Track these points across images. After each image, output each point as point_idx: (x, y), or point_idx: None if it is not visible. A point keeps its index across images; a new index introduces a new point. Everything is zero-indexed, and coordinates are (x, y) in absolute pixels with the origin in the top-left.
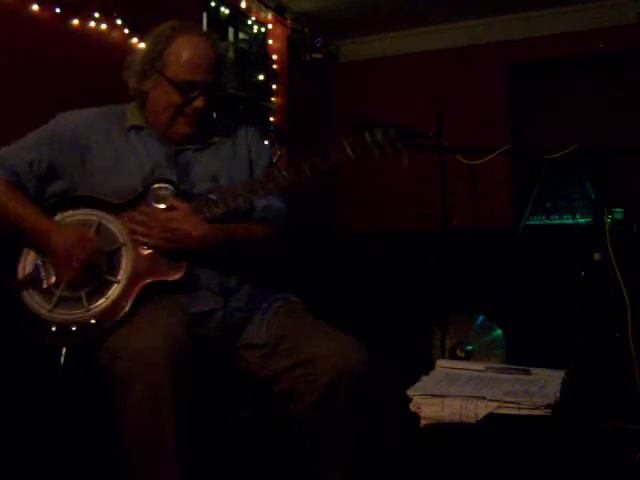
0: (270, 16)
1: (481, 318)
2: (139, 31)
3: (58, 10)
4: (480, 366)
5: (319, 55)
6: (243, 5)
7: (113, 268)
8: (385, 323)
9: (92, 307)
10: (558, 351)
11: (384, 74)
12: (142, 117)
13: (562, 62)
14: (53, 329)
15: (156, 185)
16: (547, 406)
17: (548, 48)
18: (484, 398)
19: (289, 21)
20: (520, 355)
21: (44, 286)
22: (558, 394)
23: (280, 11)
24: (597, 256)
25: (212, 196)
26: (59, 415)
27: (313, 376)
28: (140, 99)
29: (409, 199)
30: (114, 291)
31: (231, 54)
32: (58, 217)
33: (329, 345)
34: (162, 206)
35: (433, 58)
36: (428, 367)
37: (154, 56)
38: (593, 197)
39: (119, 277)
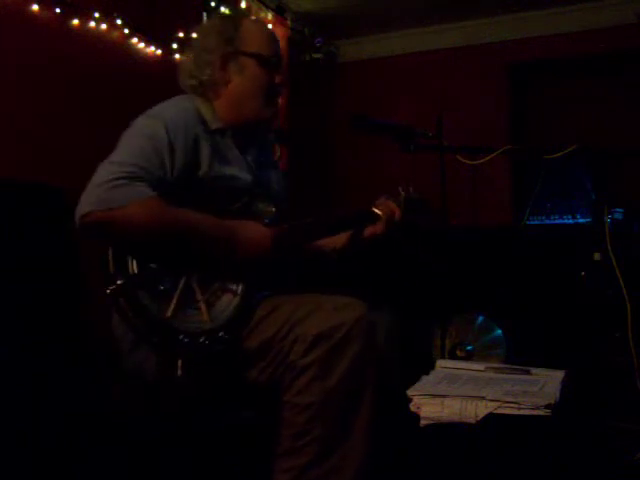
0: (270, 16)
1: (481, 318)
2: (139, 31)
3: (58, 10)
4: (480, 366)
5: (319, 55)
6: (243, 5)
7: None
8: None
9: (213, 317)
10: (558, 351)
11: (384, 74)
12: (216, 115)
13: (562, 62)
14: (186, 340)
15: (260, 205)
16: (547, 406)
17: (548, 48)
18: (484, 398)
19: (289, 21)
20: (520, 355)
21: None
22: (558, 394)
23: (280, 11)
24: (597, 256)
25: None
26: None
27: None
28: (212, 93)
29: None
30: (233, 301)
31: None
32: None
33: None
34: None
35: (433, 58)
36: (428, 367)
37: (231, 37)
38: (593, 197)
39: (239, 288)
